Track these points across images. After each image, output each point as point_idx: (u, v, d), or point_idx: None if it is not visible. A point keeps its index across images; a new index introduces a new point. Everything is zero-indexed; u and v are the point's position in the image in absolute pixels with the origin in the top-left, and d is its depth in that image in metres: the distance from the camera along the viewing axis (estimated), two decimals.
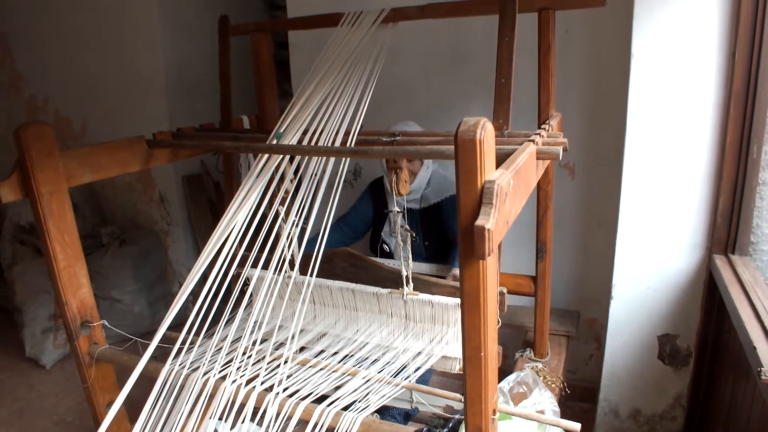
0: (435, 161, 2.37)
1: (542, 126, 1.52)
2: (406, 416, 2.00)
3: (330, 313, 1.70)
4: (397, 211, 1.46)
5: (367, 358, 1.55)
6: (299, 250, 1.57)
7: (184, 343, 1.37)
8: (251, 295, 1.57)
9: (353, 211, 2.44)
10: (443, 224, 2.30)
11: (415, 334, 1.58)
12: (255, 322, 1.43)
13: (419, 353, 1.54)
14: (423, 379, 1.82)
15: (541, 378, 1.83)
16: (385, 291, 1.57)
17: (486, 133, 0.81)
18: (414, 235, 2.19)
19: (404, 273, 1.51)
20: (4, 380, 3.21)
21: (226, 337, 1.46)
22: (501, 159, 1.02)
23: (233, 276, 1.43)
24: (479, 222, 0.77)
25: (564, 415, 1.62)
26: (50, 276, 1.52)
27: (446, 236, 2.31)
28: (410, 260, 1.51)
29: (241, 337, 1.45)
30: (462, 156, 0.81)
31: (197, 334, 1.39)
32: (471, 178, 0.82)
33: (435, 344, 1.54)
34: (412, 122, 2.22)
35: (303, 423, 1.22)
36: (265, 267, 1.46)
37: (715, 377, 1.99)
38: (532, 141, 1.24)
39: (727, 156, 1.81)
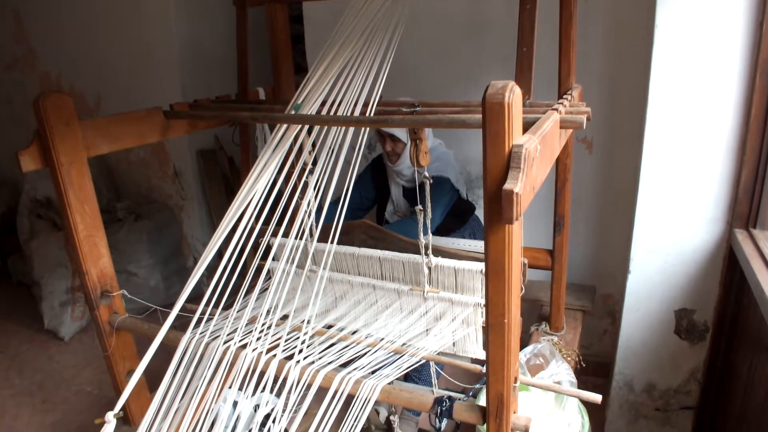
0: (437, 139, 2.33)
1: (564, 96, 1.50)
2: None
3: (349, 303, 1.68)
4: (426, 176, 1.42)
5: (384, 338, 1.54)
6: (317, 223, 1.57)
7: (203, 313, 1.38)
8: (269, 267, 1.57)
9: (352, 189, 2.34)
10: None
11: (436, 327, 1.56)
12: (275, 293, 1.43)
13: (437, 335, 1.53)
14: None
15: (557, 351, 1.83)
16: (405, 287, 1.56)
17: (514, 96, 0.80)
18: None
19: (424, 261, 1.49)
20: (23, 352, 3.27)
21: (245, 307, 1.47)
22: (525, 128, 1.01)
23: (251, 248, 1.43)
24: (507, 186, 0.76)
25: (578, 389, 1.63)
26: (70, 246, 1.54)
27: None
28: (430, 239, 1.48)
29: (260, 307, 1.46)
30: (490, 120, 0.80)
31: (216, 305, 1.40)
32: (498, 142, 0.80)
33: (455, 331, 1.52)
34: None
35: (322, 391, 1.23)
36: (284, 238, 1.46)
37: (733, 353, 1.98)
38: (556, 110, 1.22)
39: (751, 129, 1.77)
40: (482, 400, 1.12)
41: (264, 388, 1.27)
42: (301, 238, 1.50)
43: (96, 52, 3.70)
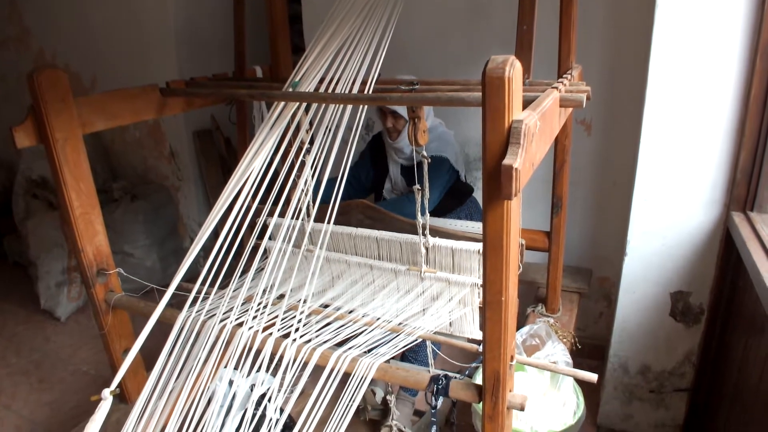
0: (437, 119, 2.32)
1: (564, 76, 1.49)
2: None
3: (346, 282, 1.68)
4: (424, 155, 1.40)
5: (380, 318, 1.54)
6: (314, 202, 1.56)
7: (199, 292, 1.37)
8: (266, 246, 1.56)
9: (351, 168, 2.32)
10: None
11: (433, 306, 1.56)
12: (271, 272, 1.43)
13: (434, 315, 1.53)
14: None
15: (553, 332, 1.84)
16: (402, 267, 1.56)
17: (515, 71, 0.79)
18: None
19: (421, 241, 1.48)
20: (20, 332, 3.27)
21: (241, 286, 1.47)
22: (524, 106, 1.00)
23: (247, 227, 1.42)
24: (507, 161, 0.75)
25: None
26: (66, 224, 1.53)
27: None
28: (427, 219, 1.47)
29: (257, 287, 1.46)
30: (490, 94, 0.79)
31: (212, 284, 1.40)
32: (498, 117, 0.80)
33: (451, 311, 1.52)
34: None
35: (318, 371, 1.23)
36: (281, 217, 1.45)
37: (728, 335, 1.99)
38: (556, 89, 1.21)
39: (751, 111, 1.76)
40: (478, 380, 1.12)
41: (260, 367, 1.27)
42: (298, 218, 1.49)
43: (91, 32, 3.65)
